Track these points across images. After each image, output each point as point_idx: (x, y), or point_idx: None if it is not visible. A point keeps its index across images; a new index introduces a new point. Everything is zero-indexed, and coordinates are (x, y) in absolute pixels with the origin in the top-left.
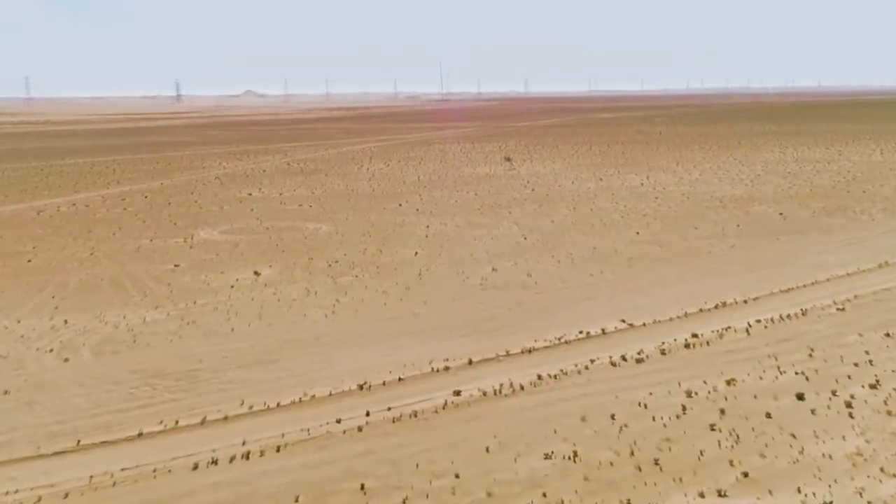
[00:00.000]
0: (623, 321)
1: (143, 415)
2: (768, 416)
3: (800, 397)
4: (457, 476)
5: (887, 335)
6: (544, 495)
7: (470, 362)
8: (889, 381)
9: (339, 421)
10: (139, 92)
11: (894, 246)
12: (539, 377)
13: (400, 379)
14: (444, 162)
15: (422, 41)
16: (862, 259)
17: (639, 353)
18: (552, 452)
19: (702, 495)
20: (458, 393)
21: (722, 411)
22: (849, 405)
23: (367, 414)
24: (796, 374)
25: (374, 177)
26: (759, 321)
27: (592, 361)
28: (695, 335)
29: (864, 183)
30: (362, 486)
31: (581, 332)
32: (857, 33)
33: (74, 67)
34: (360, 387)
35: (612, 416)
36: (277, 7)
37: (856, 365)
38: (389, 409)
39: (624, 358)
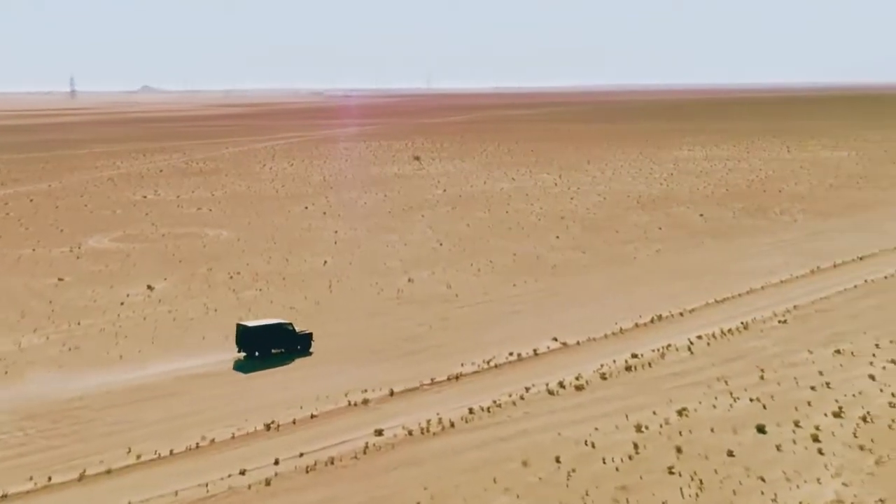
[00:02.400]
0: (555, 339)
1: (9, 468)
2: (730, 454)
3: (761, 430)
4: None
5: (838, 352)
6: None
7: (391, 393)
8: (853, 409)
9: (243, 472)
10: (32, 87)
11: (822, 249)
12: (470, 411)
13: (312, 415)
14: (351, 161)
15: (325, 38)
16: (793, 264)
17: (577, 379)
18: None
19: None
20: (379, 432)
21: (679, 450)
22: (816, 439)
23: (276, 462)
24: (751, 400)
25: (277, 177)
26: (700, 337)
27: (528, 390)
28: (635, 355)
29: (778, 182)
30: None
31: (511, 354)
32: (750, 31)
33: None
34: (268, 426)
35: (558, 459)
36: (176, 1)
37: (813, 389)
38: (302, 455)
39: (562, 385)
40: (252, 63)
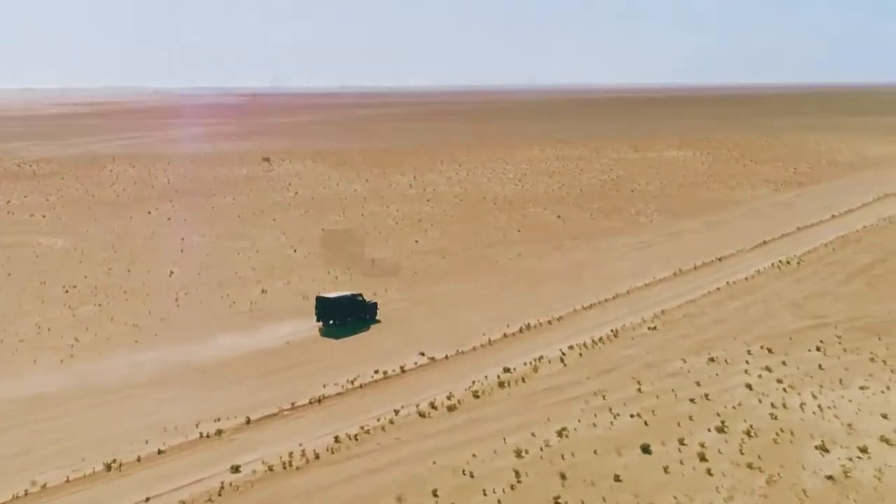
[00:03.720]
0: (422, 354)
1: None
2: (617, 478)
3: (645, 449)
4: None
5: (712, 360)
6: None
7: (248, 421)
8: (735, 422)
9: None
10: None
11: (681, 250)
12: (336, 439)
13: (160, 451)
14: (197, 162)
15: (168, 36)
16: (654, 266)
17: (449, 398)
18: None
19: None
20: (236, 469)
21: (563, 476)
22: (703, 457)
23: None
24: (632, 416)
25: (118, 180)
26: (571, 347)
27: (397, 412)
28: (507, 370)
29: (629, 182)
30: None
31: (377, 372)
32: (590, 35)
33: None
34: (108, 466)
35: (435, 493)
36: None
37: (692, 401)
38: (148, 499)
39: (433, 405)
40: (90, 60)
